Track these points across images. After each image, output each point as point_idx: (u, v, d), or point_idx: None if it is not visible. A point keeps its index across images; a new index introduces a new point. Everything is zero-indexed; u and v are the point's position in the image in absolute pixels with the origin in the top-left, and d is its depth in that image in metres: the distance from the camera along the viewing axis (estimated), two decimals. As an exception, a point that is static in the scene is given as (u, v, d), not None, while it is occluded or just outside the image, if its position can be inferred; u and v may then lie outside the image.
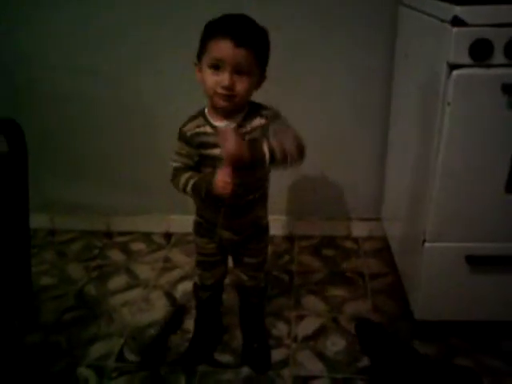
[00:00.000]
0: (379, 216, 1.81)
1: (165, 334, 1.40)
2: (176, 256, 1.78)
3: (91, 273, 1.70)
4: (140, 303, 1.54)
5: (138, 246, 1.84)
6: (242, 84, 1.01)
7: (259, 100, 1.11)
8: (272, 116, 1.06)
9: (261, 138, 1.03)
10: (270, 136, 1.03)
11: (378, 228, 1.81)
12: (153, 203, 1.87)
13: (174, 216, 1.86)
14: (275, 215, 1.80)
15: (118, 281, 1.65)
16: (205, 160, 1.10)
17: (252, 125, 1.06)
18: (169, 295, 1.57)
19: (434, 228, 1.21)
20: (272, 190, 1.15)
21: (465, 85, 1.07)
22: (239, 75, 1.01)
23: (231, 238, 1.19)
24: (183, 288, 1.60)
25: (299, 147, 1.02)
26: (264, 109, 1.08)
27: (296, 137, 1.03)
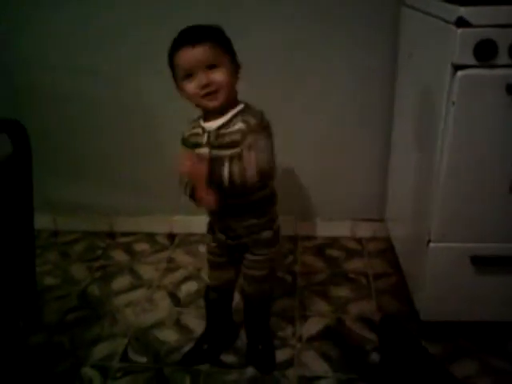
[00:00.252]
0: (383, 217, 1.80)
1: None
2: (180, 256, 1.78)
3: (94, 273, 1.70)
4: (144, 303, 1.54)
5: (142, 247, 1.85)
6: (217, 75, 1.03)
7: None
8: (252, 126, 1.05)
9: (224, 160, 1.03)
10: (244, 148, 1.04)
11: (382, 228, 1.80)
12: (156, 204, 1.87)
13: (178, 217, 1.86)
14: (279, 216, 1.82)
15: (122, 281, 1.65)
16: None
17: (234, 127, 1.06)
18: (172, 295, 1.57)
19: (439, 228, 1.20)
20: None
21: (469, 85, 1.07)
22: (211, 70, 1.03)
23: (226, 242, 1.19)
24: (187, 288, 1.60)
25: (260, 172, 1.03)
26: (252, 116, 1.07)
27: (260, 160, 1.03)
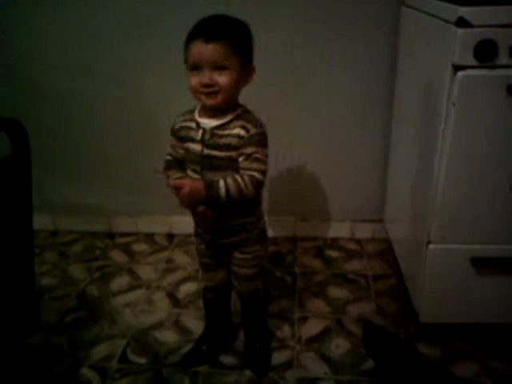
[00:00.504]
0: (382, 218, 1.80)
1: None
2: (179, 257, 1.77)
3: (93, 274, 1.69)
4: (143, 304, 1.53)
5: (141, 247, 1.84)
6: (223, 78, 1.01)
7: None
8: (252, 136, 1.05)
9: (219, 177, 1.04)
10: (242, 158, 1.05)
11: (381, 230, 1.80)
12: (154, 204, 1.86)
13: (176, 217, 1.85)
14: (278, 216, 1.82)
15: (121, 282, 1.65)
16: (187, 154, 1.11)
17: (233, 131, 1.05)
18: (171, 296, 1.57)
19: (439, 230, 1.20)
20: (275, 192, 1.14)
21: (469, 86, 1.06)
22: (219, 71, 1.01)
23: (213, 241, 1.19)
24: (186, 289, 1.59)
25: (258, 186, 1.05)
26: (253, 124, 1.06)
27: (258, 174, 1.04)
